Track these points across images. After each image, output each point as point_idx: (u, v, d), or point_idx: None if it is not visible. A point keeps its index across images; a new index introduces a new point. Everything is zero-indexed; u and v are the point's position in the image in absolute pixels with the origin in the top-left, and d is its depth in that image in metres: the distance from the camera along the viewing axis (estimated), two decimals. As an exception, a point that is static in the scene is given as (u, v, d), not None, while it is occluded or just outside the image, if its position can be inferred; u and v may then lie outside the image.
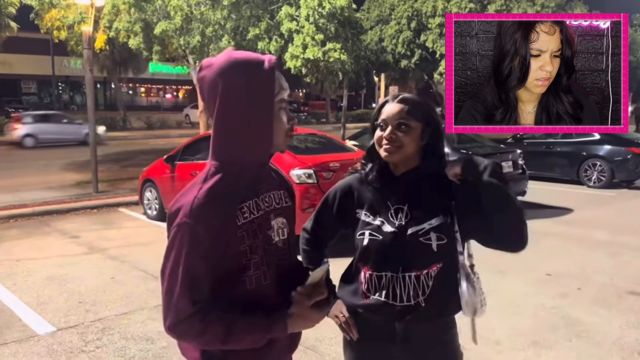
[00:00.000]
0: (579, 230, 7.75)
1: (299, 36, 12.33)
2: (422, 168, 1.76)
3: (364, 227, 1.79)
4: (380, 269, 1.77)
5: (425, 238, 1.71)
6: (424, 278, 1.73)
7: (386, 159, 1.76)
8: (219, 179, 1.35)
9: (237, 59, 1.36)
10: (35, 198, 9.61)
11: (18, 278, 5.59)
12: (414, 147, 1.74)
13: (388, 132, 1.72)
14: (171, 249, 1.32)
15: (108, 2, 12.21)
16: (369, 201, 1.82)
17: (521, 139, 13.10)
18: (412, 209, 1.75)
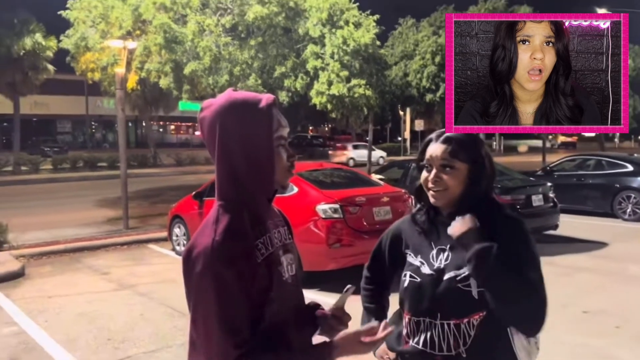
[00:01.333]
0: (615, 265, 7.50)
1: (325, 73, 12.53)
2: (470, 209, 1.65)
3: (407, 268, 1.74)
4: (418, 314, 1.68)
5: (464, 284, 1.59)
6: (465, 327, 1.60)
7: (432, 203, 1.70)
8: (230, 219, 1.34)
9: (235, 99, 1.38)
10: (67, 235, 9.81)
11: (49, 315, 5.67)
12: (461, 188, 1.65)
13: (433, 175, 1.65)
14: (199, 296, 1.29)
15: (140, 45, 12.66)
16: (415, 241, 1.76)
17: (551, 171, 12.89)
18: (454, 250, 1.64)
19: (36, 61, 25.83)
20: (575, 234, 9.68)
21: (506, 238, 1.60)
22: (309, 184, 6.93)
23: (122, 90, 10.81)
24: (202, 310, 1.30)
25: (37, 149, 35.94)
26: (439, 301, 1.63)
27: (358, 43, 12.53)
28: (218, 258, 1.27)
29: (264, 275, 1.35)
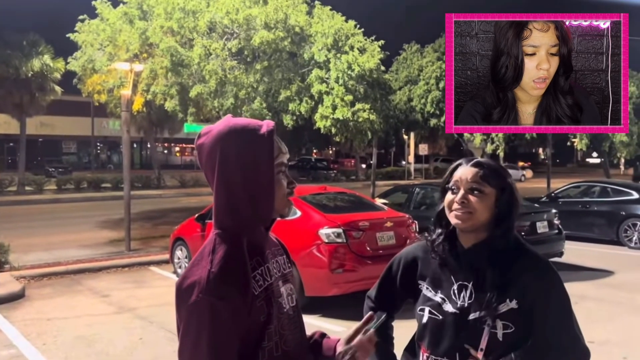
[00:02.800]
0: (622, 294, 7.40)
1: (329, 97, 12.60)
2: (493, 240, 1.60)
3: (425, 303, 1.66)
4: (437, 353, 1.61)
5: (490, 326, 1.54)
6: None
7: (456, 225, 1.61)
8: (228, 249, 1.30)
9: (235, 125, 1.35)
10: (69, 256, 9.77)
11: (48, 338, 5.60)
12: (487, 215, 1.58)
13: (460, 196, 1.58)
14: (189, 328, 1.25)
15: (146, 68, 12.79)
16: (432, 273, 1.68)
17: (556, 198, 12.83)
18: (478, 288, 1.57)
19: (44, 82, 26.08)
20: (580, 261, 9.57)
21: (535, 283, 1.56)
22: (312, 207, 6.90)
23: (127, 112, 10.89)
24: (191, 341, 1.25)
25: (42, 169, 36.11)
26: (461, 341, 1.56)
27: (363, 68, 12.62)
28: (213, 290, 1.23)
29: (261, 308, 1.31)
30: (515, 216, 1.62)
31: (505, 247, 1.59)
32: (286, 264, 1.50)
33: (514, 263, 1.57)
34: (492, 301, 1.54)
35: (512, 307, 1.54)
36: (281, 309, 1.38)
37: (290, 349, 1.38)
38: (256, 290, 1.31)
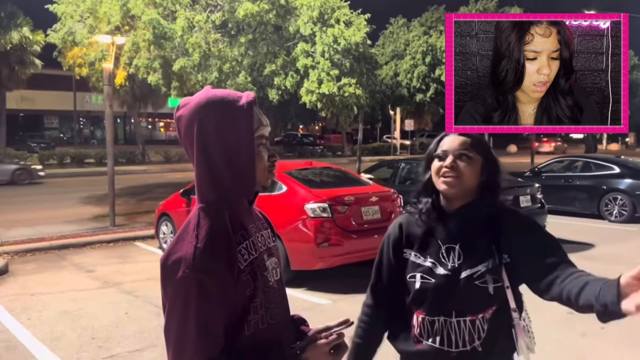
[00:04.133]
0: (601, 266, 7.55)
1: (315, 72, 12.49)
2: (478, 204, 1.69)
3: (415, 269, 1.72)
4: (433, 314, 1.68)
5: (481, 282, 1.63)
6: (480, 322, 1.65)
7: (444, 191, 1.68)
8: (212, 224, 1.29)
9: (214, 96, 1.33)
10: (53, 231, 9.70)
11: (32, 313, 5.58)
12: (474, 180, 1.67)
13: (449, 161, 1.66)
14: (175, 304, 1.24)
15: (128, 40, 12.54)
16: (419, 240, 1.74)
17: (539, 172, 12.97)
18: (465, 248, 1.67)
19: (23, 55, 25.57)
20: (562, 235, 9.71)
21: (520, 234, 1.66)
22: (298, 182, 6.90)
23: (110, 86, 10.70)
24: (178, 317, 1.24)
25: (24, 144, 35.54)
26: (456, 300, 1.65)
27: (349, 42, 12.51)
28: (200, 266, 1.22)
29: (247, 282, 1.31)
30: (499, 184, 1.71)
31: (491, 211, 1.69)
32: (270, 238, 1.49)
33: (501, 221, 1.67)
34: (480, 258, 1.64)
35: (497, 262, 1.63)
36: (267, 282, 1.38)
37: (275, 322, 1.39)
38: (242, 264, 1.30)
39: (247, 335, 1.32)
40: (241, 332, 1.31)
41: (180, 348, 1.24)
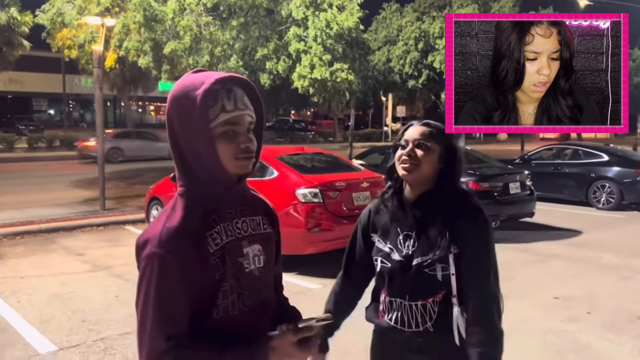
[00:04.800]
0: (588, 253, 7.65)
1: (307, 56, 12.40)
2: (435, 192, 1.80)
3: (377, 253, 1.87)
4: (391, 294, 1.85)
5: (430, 269, 1.76)
6: (430, 305, 1.78)
7: (403, 177, 1.82)
8: (185, 206, 1.33)
9: (178, 88, 1.35)
10: (42, 215, 9.64)
11: (22, 295, 5.58)
12: (431, 168, 1.79)
13: (408, 149, 1.78)
14: (142, 282, 1.28)
15: (118, 22, 12.37)
16: (382, 226, 1.89)
17: (529, 160, 13.05)
18: (420, 237, 1.79)
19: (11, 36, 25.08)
20: (550, 221, 9.84)
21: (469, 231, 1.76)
22: (289, 167, 6.90)
23: (99, 68, 10.58)
24: (142, 296, 1.28)
25: (12, 127, 35.11)
26: (408, 284, 1.80)
27: (341, 27, 12.41)
28: (164, 245, 1.25)
29: (216, 266, 1.32)
30: (458, 172, 1.82)
31: (448, 197, 1.79)
32: (261, 225, 1.48)
33: (457, 213, 1.77)
34: (431, 247, 1.76)
35: (451, 252, 1.74)
36: (241, 268, 1.38)
37: (249, 309, 1.39)
38: (211, 247, 1.32)
39: (217, 319, 1.33)
40: (210, 315, 1.32)
41: (142, 325, 1.27)
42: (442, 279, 1.75)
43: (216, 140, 1.33)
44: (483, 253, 1.76)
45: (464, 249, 1.74)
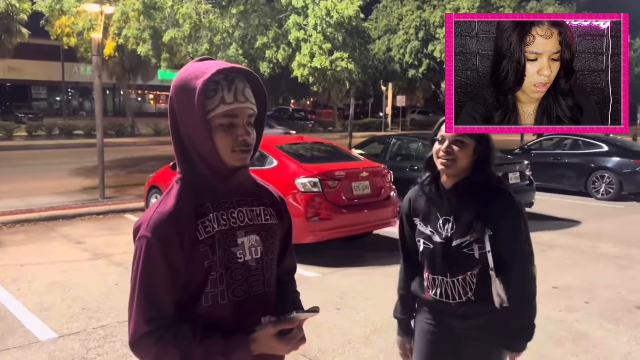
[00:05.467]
0: (587, 243, 7.68)
1: (307, 45, 12.35)
2: (470, 180, 2.00)
3: (420, 235, 2.11)
4: (434, 272, 2.08)
5: (468, 249, 1.99)
6: (469, 278, 2.02)
7: (442, 171, 2.02)
8: (178, 193, 1.36)
9: (180, 78, 1.36)
10: (42, 203, 9.65)
11: (22, 283, 5.59)
12: (467, 161, 1.98)
13: (445, 145, 1.96)
14: (133, 264, 1.33)
15: (117, 10, 12.30)
16: (422, 211, 2.11)
17: (528, 150, 13.04)
18: (458, 220, 2.00)
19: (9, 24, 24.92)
20: (549, 211, 9.85)
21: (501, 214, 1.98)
22: (289, 157, 6.89)
23: (98, 56, 10.53)
24: (132, 278, 1.33)
25: (11, 114, 34.99)
26: (449, 263, 2.03)
27: (342, 15, 12.35)
28: (153, 229, 1.29)
29: (205, 253, 1.32)
30: (491, 161, 2.03)
31: (482, 185, 2.00)
32: (262, 216, 1.47)
33: (490, 198, 1.98)
34: (468, 230, 1.97)
35: (486, 233, 1.96)
36: (233, 258, 1.38)
37: (240, 300, 1.38)
38: (201, 235, 1.33)
39: (206, 307, 1.34)
40: (198, 303, 1.34)
41: (130, 307, 1.32)
42: (479, 257, 1.98)
43: (214, 131, 1.33)
44: (515, 234, 1.98)
45: (498, 230, 1.96)
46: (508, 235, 1.96)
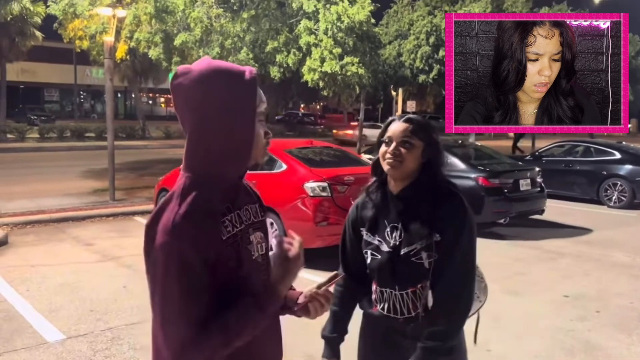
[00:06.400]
0: (598, 251, 7.58)
1: (317, 49, 12.36)
2: (418, 183, 1.86)
3: (367, 246, 1.94)
4: (382, 285, 1.92)
5: (416, 258, 1.82)
6: (419, 291, 1.84)
7: (388, 172, 1.87)
8: (197, 193, 1.28)
9: (218, 67, 1.32)
10: (52, 204, 9.71)
11: (31, 284, 5.62)
12: (415, 163, 1.84)
13: (392, 147, 1.83)
14: (158, 272, 1.24)
15: (129, 13, 12.39)
16: (369, 220, 1.95)
17: (540, 156, 12.94)
18: (406, 227, 1.85)
19: (24, 27, 25.30)
20: (561, 219, 9.75)
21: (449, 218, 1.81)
22: (298, 161, 6.88)
23: (110, 59, 10.61)
24: (160, 287, 1.25)
25: (24, 117, 35.33)
26: (397, 275, 1.87)
27: (352, 20, 12.35)
28: (179, 233, 1.22)
29: (230, 254, 1.30)
30: (440, 164, 1.88)
31: (430, 188, 1.84)
32: (258, 213, 1.49)
33: (439, 203, 1.82)
34: (417, 237, 1.81)
35: (434, 240, 1.79)
36: (250, 256, 1.38)
37: None
38: (224, 235, 1.30)
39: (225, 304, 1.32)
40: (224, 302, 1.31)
41: (167, 314, 1.25)
42: (428, 266, 1.81)
43: None
44: (454, 240, 1.79)
45: (444, 235, 1.79)
46: (449, 240, 1.78)
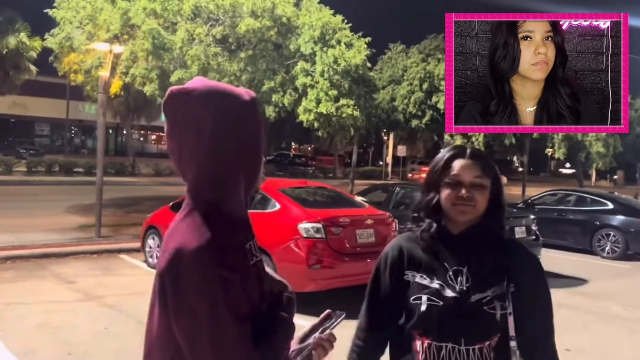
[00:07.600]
0: (596, 303, 7.42)
1: (313, 91, 12.44)
2: (484, 224, 1.62)
3: (421, 291, 1.60)
4: (440, 339, 1.57)
5: (489, 307, 1.56)
6: (487, 350, 1.56)
7: (459, 219, 1.61)
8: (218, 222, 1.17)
9: (220, 89, 1.23)
10: (35, 239, 9.40)
11: (7, 323, 5.32)
12: (485, 204, 1.61)
13: (465, 192, 1.59)
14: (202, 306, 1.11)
15: (126, 49, 12.43)
16: (423, 262, 1.64)
17: (532, 204, 12.90)
18: (473, 272, 1.59)
19: (19, 61, 25.37)
20: (555, 269, 9.60)
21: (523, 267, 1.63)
22: (292, 201, 6.73)
23: (104, 94, 10.54)
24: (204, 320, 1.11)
25: (12, 150, 35.04)
26: (464, 326, 1.56)
27: (349, 63, 12.50)
28: (211, 260, 1.11)
29: (254, 283, 1.22)
30: (504, 204, 1.67)
31: (497, 231, 1.64)
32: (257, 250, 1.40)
33: (507, 249, 1.64)
34: (488, 283, 1.58)
35: (505, 288, 1.58)
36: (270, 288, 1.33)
37: None
38: (250, 260, 1.23)
39: None
40: None
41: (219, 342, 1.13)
42: (500, 319, 1.56)
43: None
44: (542, 293, 1.63)
45: (521, 286, 1.58)
46: (532, 294, 1.58)
